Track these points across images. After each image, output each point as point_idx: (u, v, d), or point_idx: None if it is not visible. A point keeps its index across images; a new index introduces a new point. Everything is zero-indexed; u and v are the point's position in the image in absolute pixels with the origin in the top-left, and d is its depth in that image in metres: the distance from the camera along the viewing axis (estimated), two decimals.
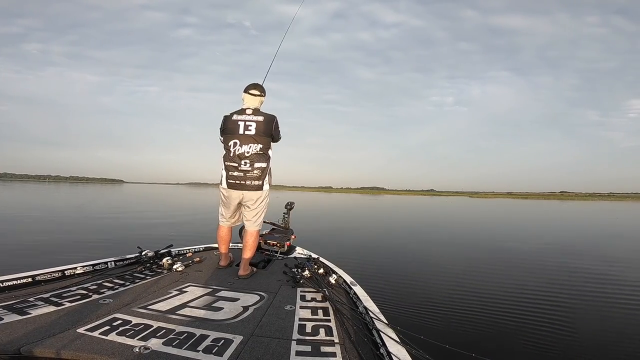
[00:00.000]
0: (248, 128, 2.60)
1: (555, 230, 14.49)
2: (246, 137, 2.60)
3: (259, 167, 2.62)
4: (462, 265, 6.59)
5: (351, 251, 7.63)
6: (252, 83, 2.75)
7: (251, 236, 2.75)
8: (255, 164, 2.61)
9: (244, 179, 2.62)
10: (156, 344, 1.38)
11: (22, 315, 1.57)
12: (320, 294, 2.14)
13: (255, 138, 2.61)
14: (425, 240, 10.22)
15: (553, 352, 3.03)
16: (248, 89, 2.72)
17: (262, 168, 2.64)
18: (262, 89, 2.76)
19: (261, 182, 2.67)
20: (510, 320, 3.71)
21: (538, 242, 10.25)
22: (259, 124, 2.62)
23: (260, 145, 2.62)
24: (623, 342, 3.28)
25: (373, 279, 5.11)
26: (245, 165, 2.60)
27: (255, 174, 2.62)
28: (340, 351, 1.43)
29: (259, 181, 2.65)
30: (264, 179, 2.67)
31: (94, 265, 2.49)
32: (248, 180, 2.63)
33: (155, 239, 8.25)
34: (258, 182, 2.65)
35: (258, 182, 2.65)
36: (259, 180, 2.65)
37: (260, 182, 2.66)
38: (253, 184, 2.64)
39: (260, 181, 2.66)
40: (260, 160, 2.63)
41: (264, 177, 2.67)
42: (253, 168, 2.60)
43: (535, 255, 7.91)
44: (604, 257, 7.85)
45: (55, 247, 6.85)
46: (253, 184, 2.64)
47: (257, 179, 2.64)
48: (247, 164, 2.60)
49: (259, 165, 2.62)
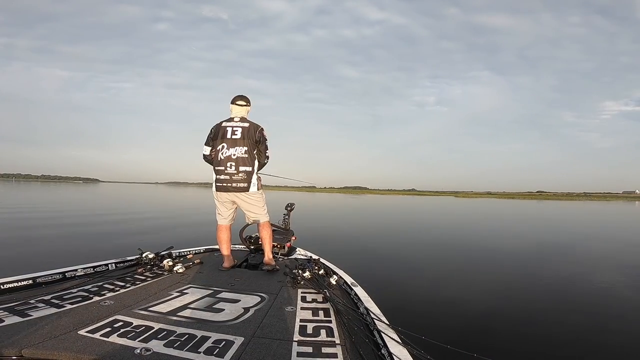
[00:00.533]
0: (235, 133, 2.84)
1: (551, 230, 14.50)
2: (233, 141, 2.82)
3: (244, 171, 2.81)
4: (461, 265, 6.60)
5: (349, 251, 7.63)
6: (238, 95, 3.00)
7: (264, 229, 2.98)
8: (241, 167, 2.80)
9: (230, 182, 2.81)
10: (157, 345, 1.38)
11: (23, 317, 1.57)
12: (321, 295, 2.14)
13: (241, 142, 2.82)
14: (422, 241, 10.21)
15: (555, 350, 3.02)
16: (235, 100, 2.98)
17: (248, 172, 2.82)
18: (247, 100, 3.02)
19: (247, 184, 2.83)
20: (512, 320, 3.71)
21: (537, 241, 10.26)
22: (244, 129, 2.85)
23: (245, 148, 2.82)
24: (625, 340, 3.28)
25: (368, 278, 5.11)
26: (231, 169, 2.80)
27: (240, 177, 2.80)
28: (342, 352, 1.43)
29: (244, 183, 2.82)
30: (249, 182, 2.84)
31: (94, 267, 2.49)
32: (234, 182, 2.81)
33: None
34: (244, 185, 2.82)
35: (243, 184, 2.82)
36: (244, 182, 2.82)
37: (246, 185, 2.83)
38: (239, 186, 2.81)
39: (245, 183, 2.83)
40: (246, 164, 2.82)
41: (250, 179, 2.84)
42: (238, 171, 2.79)
43: (537, 255, 7.93)
44: (602, 258, 7.88)
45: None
46: (239, 186, 2.81)
47: (242, 182, 2.81)
48: (233, 167, 2.79)
49: (244, 168, 2.81)
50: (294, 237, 3.78)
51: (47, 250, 6.66)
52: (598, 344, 3.22)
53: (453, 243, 9.68)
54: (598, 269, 6.63)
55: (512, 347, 3.09)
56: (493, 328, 3.50)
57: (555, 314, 3.93)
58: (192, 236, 8.75)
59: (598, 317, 3.91)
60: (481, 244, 9.61)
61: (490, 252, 8.24)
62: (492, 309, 4.04)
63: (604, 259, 7.68)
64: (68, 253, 6.47)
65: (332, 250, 7.21)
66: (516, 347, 3.10)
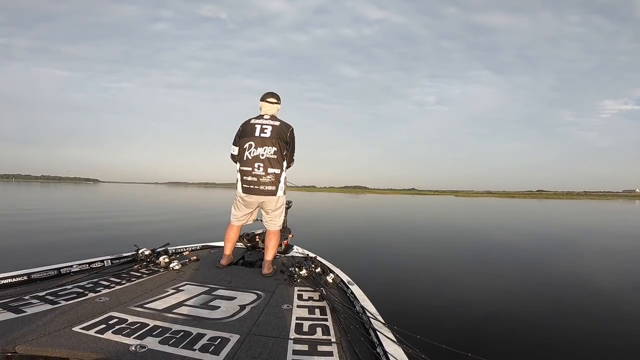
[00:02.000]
0: (264, 131, 2.66)
1: (547, 228, 14.58)
2: (262, 140, 2.64)
3: (273, 173, 2.64)
4: (458, 265, 6.63)
5: (346, 250, 7.65)
6: (268, 92, 2.84)
7: (272, 237, 2.79)
8: (269, 169, 2.63)
9: (258, 184, 2.65)
10: (152, 342, 1.38)
11: (17, 314, 1.56)
12: (318, 293, 2.14)
13: (271, 141, 2.64)
14: (421, 240, 10.25)
15: (554, 352, 3.04)
16: (265, 97, 2.80)
17: (276, 174, 2.67)
18: (278, 97, 2.85)
19: (275, 187, 2.68)
20: (506, 320, 3.73)
21: (538, 239, 10.31)
22: (275, 128, 2.68)
23: (274, 148, 2.64)
24: (626, 340, 3.29)
25: (364, 277, 5.12)
26: (259, 170, 2.63)
27: (268, 179, 2.64)
28: (337, 350, 1.43)
29: (272, 186, 2.66)
30: (277, 185, 2.68)
31: (90, 263, 2.47)
32: (262, 185, 2.65)
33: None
34: (272, 188, 2.67)
35: (272, 187, 2.66)
36: (272, 185, 2.66)
37: (274, 188, 2.67)
38: (267, 189, 2.66)
39: (274, 186, 2.67)
40: (274, 166, 2.65)
41: (278, 182, 2.68)
42: (267, 173, 2.63)
43: (537, 254, 7.95)
44: (607, 256, 7.92)
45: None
46: (267, 189, 2.66)
47: (270, 184, 2.66)
48: (261, 169, 2.63)
49: (272, 170, 2.64)
50: (291, 235, 3.78)
51: (48, 246, 6.64)
52: (601, 346, 3.18)
53: (452, 242, 9.72)
54: (603, 267, 6.61)
55: (508, 347, 3.10)
56: (489, 328, 3.51)
57: (555, 314, 3.92)
58: (189, 233, 8.73)
59: (602, 317, 3.86)
60: (481, 243, 9.65)
61: (490, 251, 8.26)
62: (490, 309, 4.06)
63: (608, 258, 7.65)
64: (64, 248, 6.46)
65: (329, 249, 7.23)
66: (513, 348, 3.10)
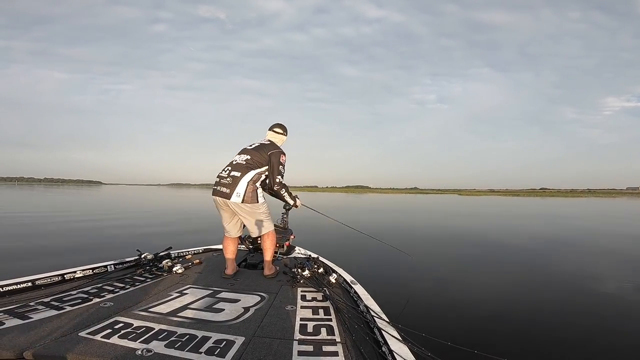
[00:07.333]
0: (252, 144, 2.82)
1: (553, 227, 14.56)
2: (246, 150, 2.77)
3: (233, 176, 2.62)
4: (464, 262, 6.62)
5: (348, 250, 7.64)
6: (276, 122, 2.98)
7: (266, 239, 2.79)
8: (232, 172, 2.64)
9: (218, 185, 2.66)
10: (158, 346, 1.38)
11: (23, 320, 1.57)
12: (321, 294, 2.15)
13: (250, 152, 2.73)
14: (423, 239, 10.24)
15: (555, 348, 3.03)
16: (273, 127, 2.95)
17: (235, 177, 2.61)
18: (284, 129, 2.97)
19: (229, 190, 2.60)
20: (512, 318, 3.71)
21: (540, 239, 10.30)
22: (262, 144, 2.81)
23: (248, 157, 2.69)
24: (629, 340, 3.28)
25: (367, 276, 5.12)
26: (225, 172, 2.68)
27: (227, 181, 2.62)
28: (342, 350, 1.44)
29: (227, 189, 2.60)
30: (233, 189, 2.59)
31: (93, 268, 2.48)
32: (219, 186, 2.65)
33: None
34: (226, 190, 2.60)
35: (226, 189, 2.60)
36: (227, 187, 2.60)
37: (229, 191, 2.60)
38: (222, 190, 2.62)
39: (228, 189, 2.60)
40: (238, 170, 2.64)
41: (234, 186, 2.59)
42: (228, 175, 2.64)
43: (544, 251, 7.92)
44: (614, 254, 7.90)
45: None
46: (222, 190, 2.62)
47: (226, 186, 2.61)
48: (226, 172, 2.67)
49: (235, 173, 2.62)
50: (293, 236, 3.78)
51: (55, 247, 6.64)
52: (607, 345, 3.12)
53: (456, 240, 9.71)
54: (609, 267, 6.54)
55: (514, 345, 3.06)
56: (495, 326, 3.48)
57: (561, 312, 3.85)
58: (191, 237, 8.72)
59: (608, 317, 3.79)
60: (485, 241, 9.63)
61: (495, 249, 8.22)
62: (495, 307, 4.03)
63: (615, 256, 7.53)
64: (68, 251, 6.46)
65: (329, 249, 7.23)
66: (519, 346, 3.05)
